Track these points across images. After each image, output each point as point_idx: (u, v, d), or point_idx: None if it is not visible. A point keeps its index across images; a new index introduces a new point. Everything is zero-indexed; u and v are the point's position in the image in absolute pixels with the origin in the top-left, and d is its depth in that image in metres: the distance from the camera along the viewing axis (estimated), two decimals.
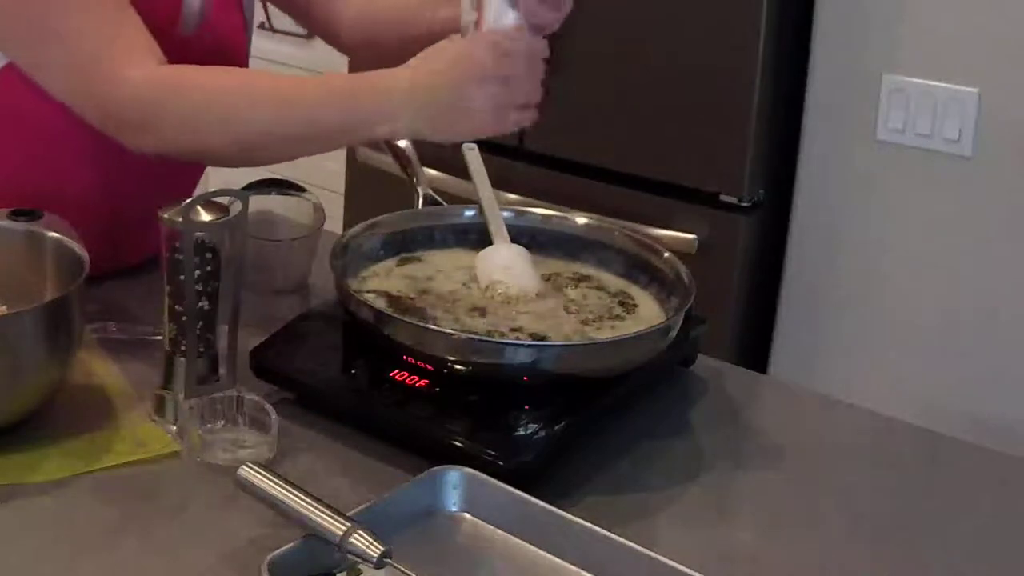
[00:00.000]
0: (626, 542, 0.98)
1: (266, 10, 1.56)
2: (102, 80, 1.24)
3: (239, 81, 1.28)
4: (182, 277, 1.15)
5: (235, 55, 1.46)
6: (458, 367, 1.17)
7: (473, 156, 1.43)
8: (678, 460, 1.20)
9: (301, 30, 2.61)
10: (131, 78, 1.24)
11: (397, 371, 1.19)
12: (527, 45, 1.22)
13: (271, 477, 1.00)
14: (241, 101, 1.25)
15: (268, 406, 1.15)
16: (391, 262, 1.37)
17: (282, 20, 1.60)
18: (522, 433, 1.12)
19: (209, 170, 1.64)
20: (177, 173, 1.44)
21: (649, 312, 1.31)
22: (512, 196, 2.40)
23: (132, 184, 1.38)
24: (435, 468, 1.06)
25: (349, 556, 0.94)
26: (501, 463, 1.08)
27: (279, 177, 1.51)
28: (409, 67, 1.23)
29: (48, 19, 1.26)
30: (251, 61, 1.53)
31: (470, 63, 1.20)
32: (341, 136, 1.29)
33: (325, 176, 2.62)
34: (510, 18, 1.23)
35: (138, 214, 1.33)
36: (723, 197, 2.36)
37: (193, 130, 1.25)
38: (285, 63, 3.02)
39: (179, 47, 1.32)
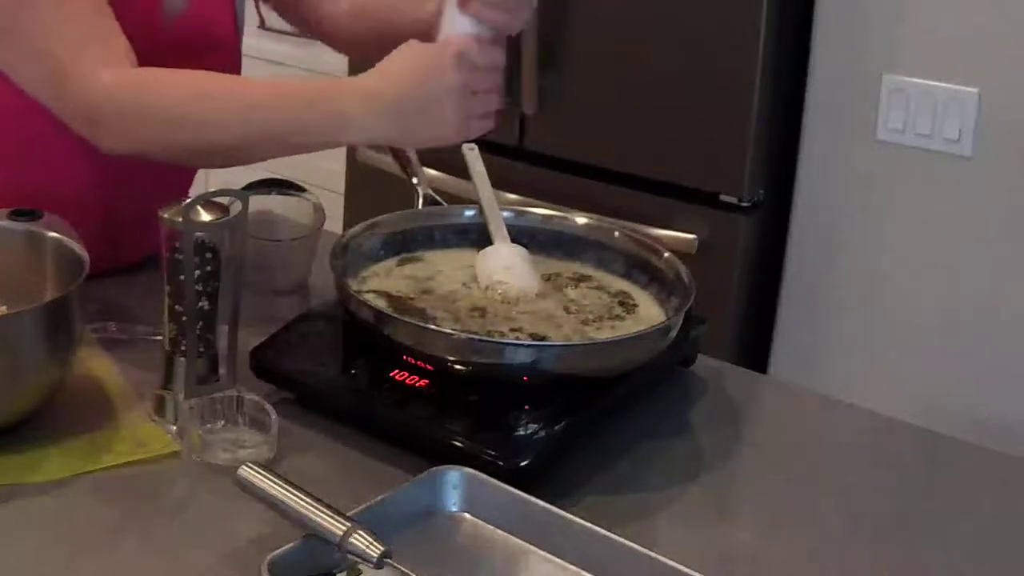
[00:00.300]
0: (626, 542, 0.98)
1: (258, 9, 1.55)
2: (78, 77, 1.24)
3: (217, 84, 1.27)
4: (182, 277, 1.15)
5: (223, 49, 1.45)
6: (458, 367, 1.17)
7: (473, 156, 1.43)
8: (678, 460, 1.20)
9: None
10: (106, 78, 1.23)
11: (397, 371, 1.19)
12: (490, 58, 1.23)
13: (271, 477, 1.00)
14: (219, 104, 1.25)
15: (268, 406, 1.15)
16: (391, 262, 1.37)
17: (279, 19, 1.59)
18: (522, 433, 1.12)
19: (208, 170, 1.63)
20: (172, 172, 1.44)
21: (649, 312, 1.31)
22: (512, 196, 2.39)
23: (127, 183, 1.38)
24: (435, 468, 1.06)
25: (349, 556, 0.94)
26: (501, 463, 1.08)
27: (279, 177, 1.51)
28: (378, 72, 1.23)
29: (22, 16, 1.25)
30: (249, 61, 1.53)
31: (440, 74, 1.20)
32: (319, 139, 1.26)
33: (325, 176, 2.62)
34: (464, 25, 1.23)
35: (135, 213, 1.33)
36: (723, 197, 2.36)
37: (169, 132, 1.24)
38: (283, 63, 3.02)
39: (162, 34, 1.31)
